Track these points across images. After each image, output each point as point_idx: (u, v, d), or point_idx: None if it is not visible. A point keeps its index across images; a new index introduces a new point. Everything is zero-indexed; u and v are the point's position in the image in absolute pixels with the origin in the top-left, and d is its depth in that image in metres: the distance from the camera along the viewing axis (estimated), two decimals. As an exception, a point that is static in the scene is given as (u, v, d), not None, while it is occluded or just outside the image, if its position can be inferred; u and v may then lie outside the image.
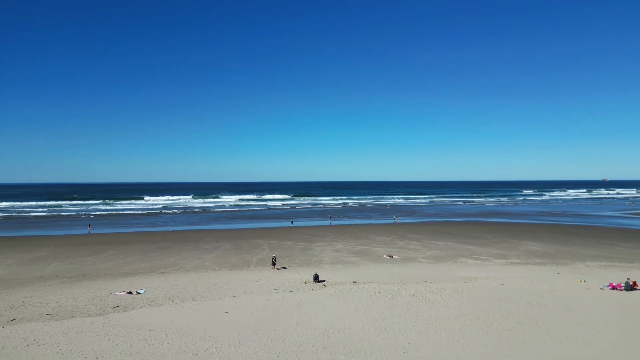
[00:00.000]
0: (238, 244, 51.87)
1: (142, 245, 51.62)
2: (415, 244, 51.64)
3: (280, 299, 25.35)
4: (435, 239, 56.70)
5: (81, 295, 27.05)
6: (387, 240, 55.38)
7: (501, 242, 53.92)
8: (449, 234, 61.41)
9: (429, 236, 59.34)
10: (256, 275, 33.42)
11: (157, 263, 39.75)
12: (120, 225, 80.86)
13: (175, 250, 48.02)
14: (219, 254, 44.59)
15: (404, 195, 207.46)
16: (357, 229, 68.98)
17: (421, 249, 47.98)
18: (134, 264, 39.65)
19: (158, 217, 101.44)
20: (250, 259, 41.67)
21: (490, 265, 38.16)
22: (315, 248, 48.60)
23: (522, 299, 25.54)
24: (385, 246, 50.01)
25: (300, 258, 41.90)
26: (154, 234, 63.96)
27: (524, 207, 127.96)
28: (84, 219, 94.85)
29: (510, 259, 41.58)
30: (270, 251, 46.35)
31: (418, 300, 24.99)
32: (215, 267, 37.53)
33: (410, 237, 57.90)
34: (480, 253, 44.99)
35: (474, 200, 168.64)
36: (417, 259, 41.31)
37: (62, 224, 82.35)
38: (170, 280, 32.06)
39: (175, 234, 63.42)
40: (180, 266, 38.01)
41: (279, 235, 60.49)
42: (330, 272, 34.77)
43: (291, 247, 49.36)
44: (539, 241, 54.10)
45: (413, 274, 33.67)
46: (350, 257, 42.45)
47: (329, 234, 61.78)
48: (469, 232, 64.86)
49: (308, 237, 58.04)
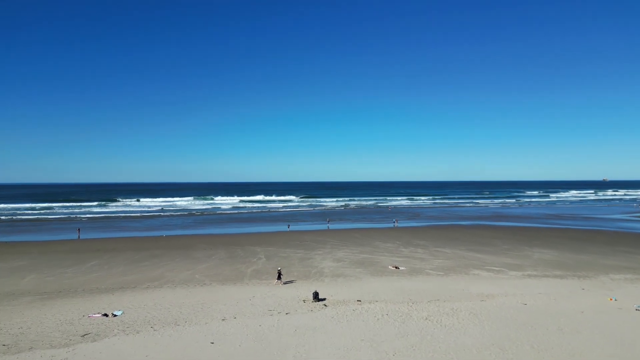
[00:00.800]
0: (233, 252, 48.70)
1: (131, 253, 48.45)
2: (421, 252, 48.47)
3: (275, 324, 22.19)
4: (442, 245, 53.55)
5: (50, 318, 23.87)
6: (392, 247, 52.22)
7: (512, 249, 50.78)
8: (456, 240, 58.26)
9: (435, 242, 56.18)
10: (250, 292, 30.23)
11: (143, 275, 36.56)
12: (112, 229, 77.67)
13: (165, 259, 44.84)
14: (211, 264, 41.41)
15: (406, 197, 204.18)
16: (359, 234, 65.82)
17: (428, 257, 44.82)
18: (118, 276, 36.47)
19: (153, 219, 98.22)
20: (244, 270, 38.48)
21: (505, 278, 34.99)
22: (314, 257, 45.43)
23: (551, 323, 22.40)
24: (389, 254, 46.85)
25: (298, 269, 38.72)
26: (145, 240, 60.75)
27: (529, 210, 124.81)
28: (75, 222, 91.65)
29: (526, 270, 38.42)
30: (266, 260, 43.19)
31: (433, 326, 21.85)
32: (206, 280, 34.35)
33: (415, 244, 54.74)
34: (492, 263, 41.82)
35: (478, 202, 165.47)
36: (425, 270, 38.14)
37: (52, 228, 79.16)
38: (154, 297, 28.88)
39: (168, 240, 60.23)
40: (167, 279, 34.82)
41: (276, 242, 57.31)
42: (332, 287, 31.60)
43: (289, 256, 46.19)
44: (552, 248, 50.96)
45: (423, 290, 30.50)
46: (352, 268, 39.28)
47: (329, 240, 58.60)
48: (476, 237, 61.71)
49: (307, 244, 54.86)
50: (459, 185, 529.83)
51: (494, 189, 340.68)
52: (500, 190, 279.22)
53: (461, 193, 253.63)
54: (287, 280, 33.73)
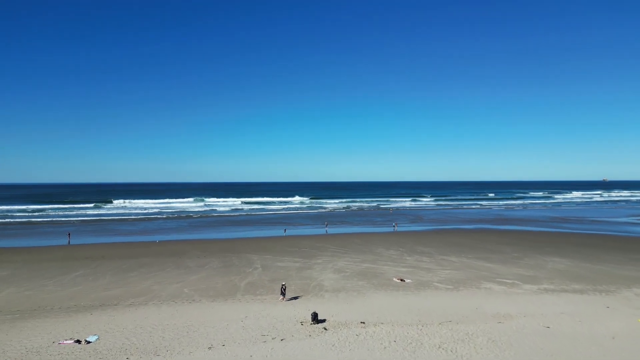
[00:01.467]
0: (227, 260, 46.02)
1: (120, 262, 45.77)
2: (427, 261, 45.77)
3: (268, 355, 19.51)
4: (448, 253, 50.85)
5: (15, 346, 21.19)
6: (395, 255, 49.53)
7: (522, 257, 48.08)
8: (462, 247, 55.56)
9: (440, 249, 53.48)
10: (242, 310, 27.53)
11: (128, 289, 33.85)
12: (105, 233, 74.98)
13: (155, 268, 42.16)
14: (203, 275, 38.71)
15: (408, 197, 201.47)
16: (360, 240, 63.10)
17: (435, 268, 42.10)
18: (102, 289, 33.77)
19: (149, 222, 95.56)
20: (238, 282, 35.77)
21: (520, 293, 32.28)
22: (314, 267, 42.73)
23: (581, 353, 19.74)
24: (393, 263, 44.15)
25: (296, 281, 36.01)
26: (137, 246, 58.08)
27: (534, 212, 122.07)
28: (68, 225, 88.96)
29: (541, 282, 35.70)
30: (262, 271, 40.49)
31: (446, 356, 19.19)
32: (196, 295, 31.64)
33: (420, 251, 52.05)
34: (504, 274, 39.11)
35: (480, 204, 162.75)
36: (433, 283, 35.44)
37: (43, 232, 76.46)
38: (136, 317, 26.18)
39: (161, 246, 57.54)
40: (154, 294, 32.10)
41: (274, 248, 54.62)
42: (332, 305, 28.90)
43: (287, 265, 43.48)
44: (565, 256, 48.26)
45: (432, 308, 27.79)
46: (354, 280, 36.57)
47: (329, 247, 55.90)
48: (483, 243, 59.02)
49: (306, 252, 52.17)
50: (460, 185, 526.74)
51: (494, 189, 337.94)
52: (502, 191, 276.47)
53: (463, 194, 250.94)
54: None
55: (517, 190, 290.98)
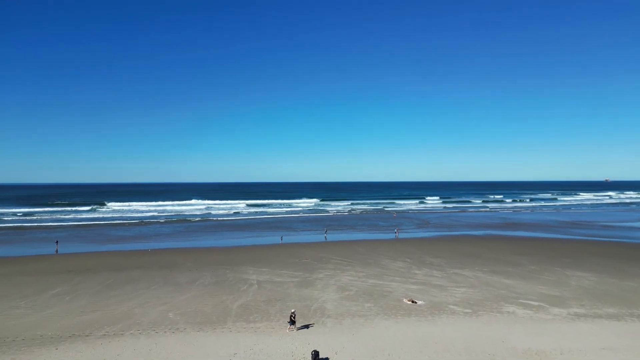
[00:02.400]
0: (221, 275, 42.33)
1: (105, 276, 42.18)
2: (438, 275, 41.99)
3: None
4: (460, 265, 47.08)
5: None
6: (403, 268, 45.77)
7: (541, 270, 44.29)
8: (474, 258, 51.81)
9: (451, 261, 49.73)
10: (232, 344, 23.82)
11: (107, 312, 30.17)
12: (97, 239, 71.44)
13: (141, 284, 38.51)
14: (192, 295, 35.03)
15: (413, 200, 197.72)
16: (364, 248, 59.38)
17: (448, 285, 38.32)
18: (77, 313, 30.10)
19: (144, 227, 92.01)
20: (230, 304, 32.05)
21: (549, 319, 28.48)
22: (315, 283, 39.00)
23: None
24: (401, 279, 40.40)
25: (295, 303, 32.28)
26: (127, 256, 54.52)
27: (543, 216, 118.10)
28: (60, 230, 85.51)
29: (570, 304, 31.90)
30: (258, 289, 36.78)
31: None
32: (181, 322, 27.91)
33: (429, 263, 48.29)
34: (526, 293, 35.31)
35: (487, 206, 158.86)
36: (448, 305, 31.67)
37: (32, 239, 72.93)
38: (108, 353, 22.52)
39: (152, 256, 53.92)
40: (134, 320, 28.38)
41: (272, 259, 50.95)
42: (336, 336, 25.15)
43: (285, 282, 39.74)
44: (587, 270, 44.44)
45: (451, 341, 24.02)
46: (360, 302, 32.83)
47: (331, 257, 52.21)
48: (495, 253, 55.25)
49: (307, 264, 48.47)
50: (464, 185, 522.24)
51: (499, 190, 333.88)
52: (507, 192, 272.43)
53: (468, 194, 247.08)
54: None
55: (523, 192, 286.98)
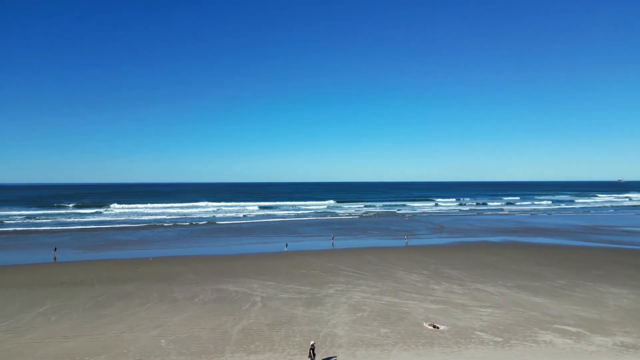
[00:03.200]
0: (222, 289, 39.18)
1: (98, 289, 39.34)
2: (459, 292, 38.36)
3: None
4: (481, 279, 43.37)
5: None
6: (419, 282, 42.19)
7: (572, 286, 40.42)
8: (496, 269, 48.05)
9: (471, 273, 46.04)
10: (228, 383, 20.57)
11: (92, 338, 27.08)
12: (98, 245, 68.96)
13: (135, 301, 35.49)
14: (189, 314, 31.87)
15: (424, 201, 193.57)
16: (376, 257, 55.89)
17: (471, 304, 34.67)
18: (59, 338, 27.04)
19: (149, 231, 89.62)
20: (230, 328, 28.79)
21: (594, 352, 24.74)
22: (324, 300, 35.60)
23: None
24: (419, 296, 36.85)
25: (303, 327, 28.92)
26: (126, 265, 51.78)
27: (561, 220, 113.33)
28: (64, 234, 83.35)
29: (614, 332, 28.06)
30: (262, 307, 33.50)
31: None
32: (173, 352, 24.71)
33: (447, 276, 44.66)
34: (560, 316, 31.54)
35: (503, 209, 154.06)
36: (475, 331, 28.07)
37: (33, 244, 70.70)
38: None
39: (151, 266, 51.06)
40: (121, 349, 25.20)
41: (278, 270, 47.72)
42: (348, 372, 21.76)
43: (292, 298, 36.41)
44: (622, 286, 40.44)
45: (484, 383, 20.48)
46: (375, 325, 29.36)
47: (341, 268, 48.84)
48: (517, 263, 51.43)
49: (315, 276, 45.13)
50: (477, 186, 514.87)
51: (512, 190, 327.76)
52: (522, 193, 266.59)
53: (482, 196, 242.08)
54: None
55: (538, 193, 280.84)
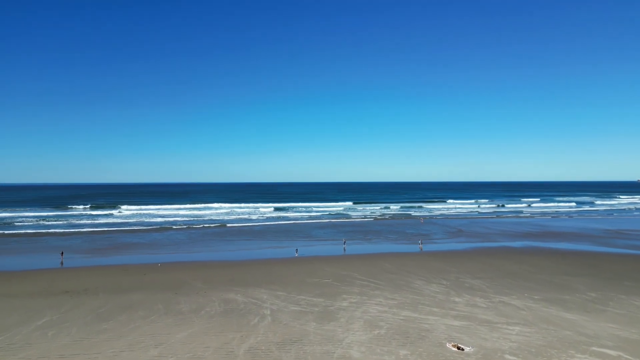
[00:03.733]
0: (230, 301, 37.17)
1: (102, 299, 37.69)
2: (482, 305, 35.67)
3: None
4: (505, 290, 40.56)
5: None
6: (439, 293, 39.59)
7: (605, 299, 37.36)
8: (520, 279, 45.13)
9: (494, 284, 43.22)
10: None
11: (87, 358, 25.25)
12: (107, 249, 67.82)
13: (138, 314, 33.67)
14: (194, 331, 29.85)
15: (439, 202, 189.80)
16: (392, 264, 53.39)
17: (497, 320, 31.97)
18: (53, 358, 25.29)
19: (160, 233, 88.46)
20: (236, 348, 26.65)
21: (643, 382, 22.00)
22: (338, 315, 33.26)
23: None
24: (440, 310, 34.28)
25: (315, 347, 26.63)
26: (133, 271, 50.29)
27: (584, 222, 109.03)
28: (72, 237, 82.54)
29: (661, 357, 25.18)
30: (272, 322, 31.32)
31: None
32: (173, 376, 22.72)
33: (469, 287, 41.94)
34: (597, 335, 28.67)
35: (522, 210, 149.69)
36: (504, 355, 25.44)
37: (43, 248, 69.91)
38: None
39: (159, 272, 49.45)
40: (118, 371, 23.33)
41: (289, 279, 45.58)
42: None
43: (303, 312, 34.15)
44: (663, 300, 37.25)
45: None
46: (394, 346, 26.92)
47: (356, 277, 46.48)
48: (544, 272, 48.39)
49: (328, 285, 42.84)
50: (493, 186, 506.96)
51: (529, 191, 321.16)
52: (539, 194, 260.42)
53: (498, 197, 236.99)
54: None
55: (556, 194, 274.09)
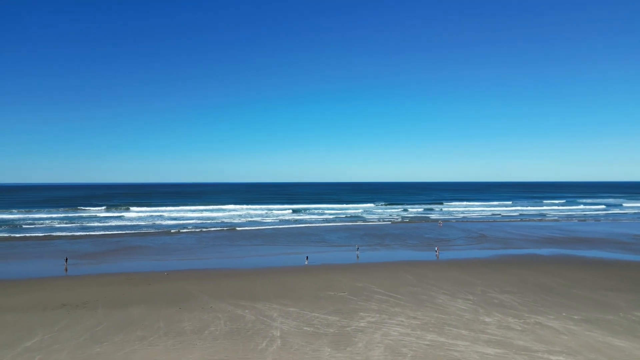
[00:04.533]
0: (238, 318, 34.10)
1: (100, 315, 35.03)
2: (516, 327, 31.86)
3: None
4: (540, 308, 36.60)
5: None
6: (466, 310, 35.89)
7: (655, 321, 33.24)
8: (555, 295, 41.09)
9: (526, 300, 39.29)
10: None
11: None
12: (115, 254, 65.72)
13: (137, 333, 30.82)
14: (195, 357, 26.82)
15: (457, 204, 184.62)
16: (411, 274, 49.83)
17: (536, 347, 28.13)
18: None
19: (170, 237, 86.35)
20: (241, 380, 23.55)
21: None
22: (355, 337, 29.86)
23: None
24: (469, 333, 30.62)
25: (329, 380, 23.34)
26: (138, 280, 47.87)
27: (614, 227, 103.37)
28: (81, 241, 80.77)
29: None
30: (281, 346, 28.11)
31: None
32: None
33: (499, 303, 38.11)
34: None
35: (545, 213, 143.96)
36: (552, 395, 21.76)
37: (52, 252, 68.13)
38: None
39: (165, 283, 46.82)
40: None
41: (301, 292, 42.37)
42: None
43: (316, 333, 30.82)
44: None
45: None
46: (420, 380, 23.47)
47: (374, 290, 43.03)
48: (580, 287, 44.24)
49: (344, 300, 39.46)
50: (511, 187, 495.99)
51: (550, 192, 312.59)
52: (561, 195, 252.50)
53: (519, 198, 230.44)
54: None
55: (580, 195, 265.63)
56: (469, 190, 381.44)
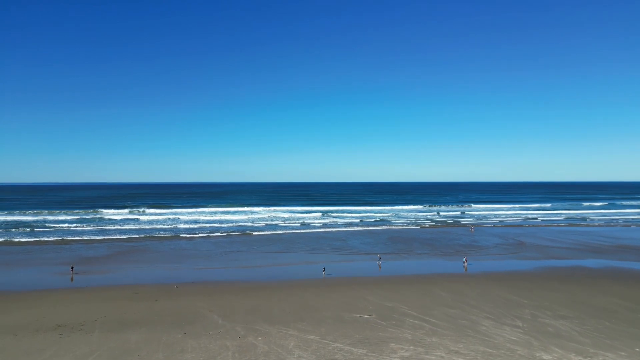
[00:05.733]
0: (248, 348, 29.32)
1: (95, 340, 30.94)
2: (585, 369, 26.05)
3: None
4: (605, 339, 30.53)
5: None
6: (517, 344, 30.15)
7: None
8: (618, 321, 34.82)
9: (586, 327, 33.20)
10: None
11: None
12: (124, 262, 62.34)
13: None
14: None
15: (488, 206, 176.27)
16: (447, 292, 44.22)
17: (617, 400, 22.41)
18: None
19: (185, 242, 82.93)
20: None
21: None
22: (387, 380, 24.72)
23: None
24: (527, 376, 25.01)
25: None
26: (144, 294, 43.98)
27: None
28: (94, 245, 77.99)
29: None
30: (297, 392, 23.23)
31: None
32: None
33: (554, 332, 32.16)
34: None
35: (585, 217, 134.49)
36: None
37: (65, 259, 65.23)
38: None
39: (171, 299, 42.67)
40: None
41: (322, 314, 37.39)
42: None
43: (341, 373, 25.81)
44: None
45: None
46: None
47: (404, 311, 37.68)
48: (646, 310, 37.77)
49: (370, 326, 34.25)
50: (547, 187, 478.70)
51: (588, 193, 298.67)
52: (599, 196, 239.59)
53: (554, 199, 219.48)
54: None
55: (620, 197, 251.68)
56: (494, 192, 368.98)
